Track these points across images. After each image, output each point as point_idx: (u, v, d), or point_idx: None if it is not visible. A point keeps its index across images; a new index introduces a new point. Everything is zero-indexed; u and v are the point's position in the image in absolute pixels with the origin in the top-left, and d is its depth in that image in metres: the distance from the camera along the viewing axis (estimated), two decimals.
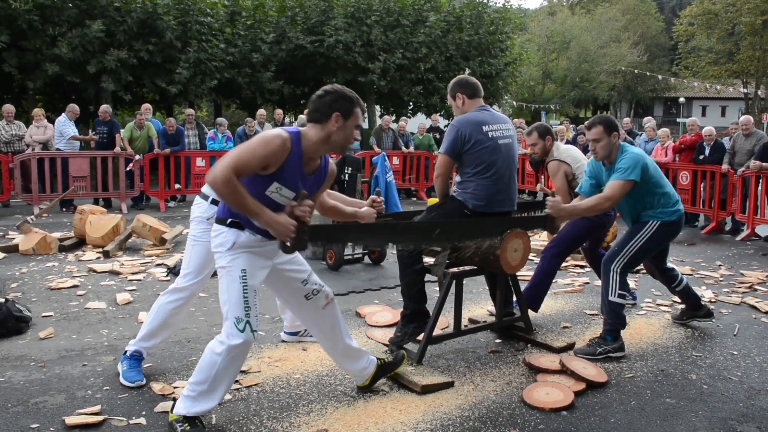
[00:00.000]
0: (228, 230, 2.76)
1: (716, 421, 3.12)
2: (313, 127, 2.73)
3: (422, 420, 3.05)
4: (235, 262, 2.74)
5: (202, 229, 3.35)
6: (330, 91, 2.74)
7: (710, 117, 42.56)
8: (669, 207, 3.98)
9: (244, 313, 2.73)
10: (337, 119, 2.70)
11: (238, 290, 2.73)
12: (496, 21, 19.24)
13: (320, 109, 2.71)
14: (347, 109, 2.73)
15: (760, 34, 31.87)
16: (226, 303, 2.75)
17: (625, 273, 4.00)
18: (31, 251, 6.60)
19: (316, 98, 2.74)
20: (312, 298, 3.06)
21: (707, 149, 9.20)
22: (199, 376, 2.77)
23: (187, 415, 2.78)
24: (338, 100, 2.71)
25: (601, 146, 3.91)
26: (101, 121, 10.39)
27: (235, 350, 2.73)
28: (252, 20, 16.66)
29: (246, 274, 2.74)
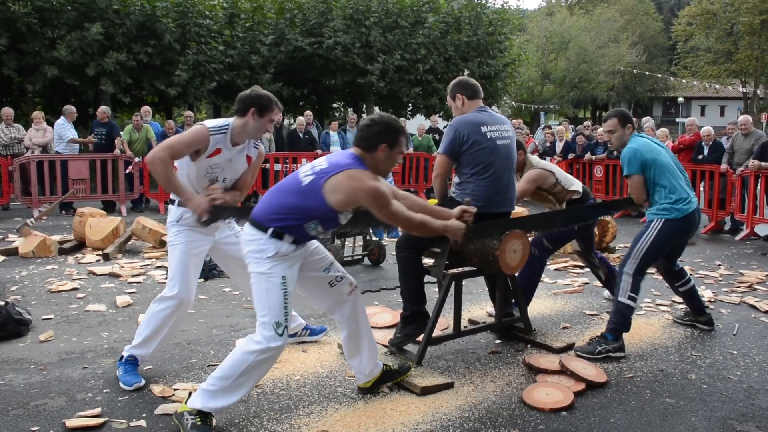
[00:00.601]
0: (268, 238, 2.84)
1: (716, 421, 3.12)
2: (363, 153, 2.89)
3: (422, 421, 3.06)
4: (276, 269, 2.85)
5: (175, 232, 3.38)
6: (377, 122, 2.90)
7: (709, 117, 42.59)
8: (669, 204, 3.97)
9: (284, 318, 2.84)
10: (384, 150, 2.87)
11: (279, 296, 2.83)
12: (495, 22, 19.25)
13: (368, 139, 2.88)
14: (394, 140, 2.90)
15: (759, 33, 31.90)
16: (266, 307, 2.83)
17: (639, 275, 4.01)
18: (31, 254, 6.61)
19: (365, 128, 2.91)
20: (336, 284, 3.14)
21: (706, 149, 9.22)
22: (225, 372, 2.82)
23: (202, 410, 2.81)
24: (385, 132, 2.88)
25: (615, 137, 4.13)
26: (99, 123, 10.39)
27: (270, 352, 2.83)
28: (251, 22, 16.66)
29: (286, 281, 2.86)
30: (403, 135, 2.93)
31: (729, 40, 34.24)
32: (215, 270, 5.88)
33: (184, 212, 3.34)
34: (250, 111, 3.24)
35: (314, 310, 4.77)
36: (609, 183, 10.66)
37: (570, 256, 6.73)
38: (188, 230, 3.36)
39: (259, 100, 3.24)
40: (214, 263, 5.84)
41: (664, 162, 3.99)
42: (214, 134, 3.22)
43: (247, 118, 3.26)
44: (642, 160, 3.94)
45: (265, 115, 3.26)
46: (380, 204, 2.78)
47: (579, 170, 11.11)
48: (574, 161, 11.23)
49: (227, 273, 3.85)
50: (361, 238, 6.49)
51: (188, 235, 3.36)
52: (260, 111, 3.25)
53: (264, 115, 3.26)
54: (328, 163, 2.84)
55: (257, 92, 3.28)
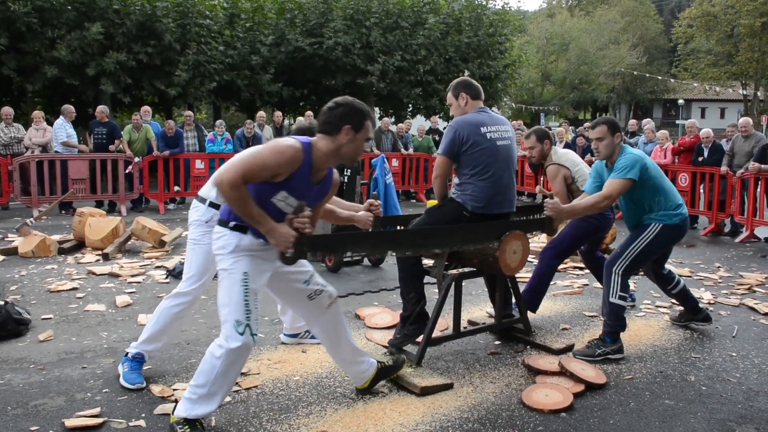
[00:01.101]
0: (230, 233, 2.77)
1: (715, 423, 3.12)
2: (323, 139, 2.74)
3: (421, 422, 3.06)
4: (237, 264, 2.75)
5: (201, 232, 3.35)
6: (341, 104, 2.76)
7: (709, 119, 42.61)
8: (671, 210, 3.98)
9: (245, 316, 2.72)
10: (347, 132, 2.72)
11: (239, 293, 2.72)
12: (495, 23, 19.25)
13: (331, 121, 2.73)
14: (358, 122, 2.75)
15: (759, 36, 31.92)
16: (227, 306, 2.74)
17: (627, 275, 4.01)
18: (31, 254, 6.60)
19: (327, 110, 2.75)
20: (315, 298, 3.07)
21: (705, 151, 9.22)
22: (200, 380, 2.77)
23: (188, 417, 2.79)
24: (350, 113, 2.73)
25: (604, 145, 4.00)
26: (99, 123, 10.38)
27: (234, 354, 2.72)
28: (251, 22, 16.66)
29: (248, 277, 2.74)
30: (369, 119, 2.79)
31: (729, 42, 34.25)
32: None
33: (215, 213, 3.24)
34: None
35: None
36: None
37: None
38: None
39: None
40: None
41: (657, 170, 4.03)
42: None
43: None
44: (643, 167, 3.90)
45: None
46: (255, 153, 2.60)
47: None
48: None
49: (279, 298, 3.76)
50: None
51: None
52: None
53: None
54: None
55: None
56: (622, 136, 4.06)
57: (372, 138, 2.88)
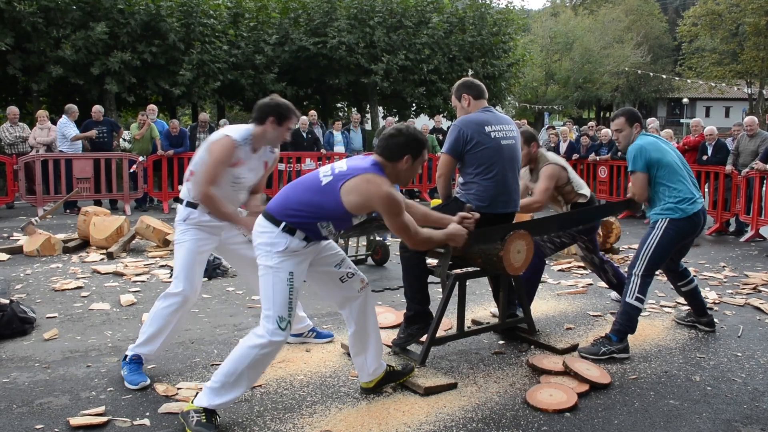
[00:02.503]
0: (280, 233, 2.87)
1: (720, 423, 3.11)
2: (384, 162, 2.92)
3: (425, 421, 3.05)
4: (284, 263, 2.87)
5: (182, 230, 3.43)
6: (403, 133, 2.92)
7: (714, 117, 42.46)
8: (675, 203, 3.96)
9: (288, 313, 2.87)
10: (408, 160, 2.92)
11: (285, 291, 2.86)
12: (499, 22, 19.23)
13: (392, 149, 2.91)
14: (418, 152, 2.94)
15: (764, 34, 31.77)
16: (270, 301, 2.86)
17: (648, 276, 4.00)
18: (36, 252, 6.63)
19: (390, 138, 2.93)
20: (347, 280, 3.16)
21: (710, 149, 9.19)
22: (228, 368, 2.85)
23: (208, 408, 2.84)
24: (411, 143, 2.92)
25: (623, 136, 4.13)
26: (95, 122, 10.36)
27: (272, 346, 2.87)
28: (255, 22, 16.68)
29: (293, 277, 2.89)
30: (426, 147, 2.99)
31: (734, 41, 34.10)
32: (219, 269, 5.89)
33: (191, 211, 3.40)
34: (269, 119, 3.29)
35: (317, 310, 4.77)
36: (613, 184, 10.64)
37: (574, 257, 6.71)
38: (195, 229, 3.41)
39: (278, 109, 3.30)
40: (217, 262, 5.85)
41: (669, 161, 3.99)
42: (239, 146, 3.29)
43: (265, 126, 3.30)
44: (647, 158, 3.94)
45: (283, 124, 3.32)
46: (393, 212, 2.82)
47: (583, 171, 11.08)
48: (578, 162, 11.21)
49: (237, 271, 3.93)
50: (364, 238, 6.49)
51: (195, 234, 3.41)
52: (279, 119, 3.30)
53: (282, 124, 3.32)
54: (348, 167, 2.88)
55: (276, 101, 3.33)
56: (641, 126, 4.12)
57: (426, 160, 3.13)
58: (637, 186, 4.03)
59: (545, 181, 4.46)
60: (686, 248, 4.39)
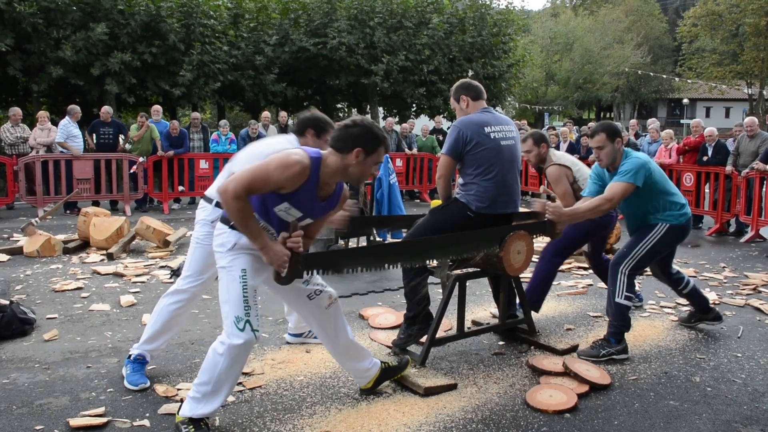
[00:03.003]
0: (230, 231, 2.79)
1: (720, 424, 3.11)
2: (333, 155, 2.71)
3: (425, 422, 3.05)
4: (235, 262, 2.78)
5: (205, 232, 3.37)
6: (358, 124, 2.72)
7: (714, 118, 42.46)
8: (676, 210, 3.98)
9: (244, 312, 2.74)
10: (358, 154, 2.68)
11: (238, 289, 2.75)
12: (499, 23, 19.24)
13: (344, 140, 2.69)
14: (371, 147, 2.71)
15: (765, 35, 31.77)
16: (227, 302, 2.77)
17: (633, 275, 4.00)
18: (36, 253, 6.63)
19: (343, 127, 2.72)
20: (315, 298, 3.06)
21: (710, 150, 9.19)
22: (203, 377, 2.79)
23: (193, 417, 2.80)
24: (363, 136, 2.69)
25: (605, 153, 3.92)
26: (103, 123, 10.39)
27: (236, 350, 2.74)
28: (255, 22, 16.68)
29: (246, 273, 2.77)
30: (382, 145, 2.74)
31: (734, 42, 34.10)
32: None
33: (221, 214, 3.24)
34: (309, 131, 3.33)
35: None
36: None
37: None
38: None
39: (318, 122, 3.35)
40: None
41: (661, 171, 4.02)
42: None
43: (306, 138, 3.34)
44: (647, 172, 3.86)
45: (322, 136, 3.33)
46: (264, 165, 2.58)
47: None
48: None
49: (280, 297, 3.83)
50: (364, 239, 6.49)
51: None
52: (318, 132, 3.34)
53: (321, 136, 3.33)
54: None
55: (315, 114, 3.39)
56: (623, 140, 3.97)
57: (381, 161, 2.84)
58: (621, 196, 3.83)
59: (557, 186, 4.48)
60: (673, 253, 4.41)
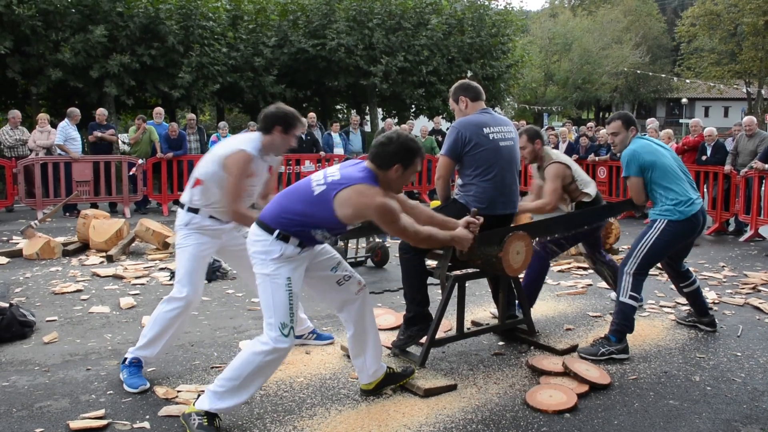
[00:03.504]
0: (273, 241, 2.87)
1: (720, 423, 3.11)
2: (376, 170, 2.90)
3: (425, 423, 3.06)
4: (281, 270, 2.87)
5: (184, 235, 3.44)
6: (393, 141, 2.88)
7: (713, 118, 42.48)
8: (672, 205, 3.95)
9: (290, 319, 2.87)
10: (397, 170, 2.87)
11: (284, 297, 2.86)
12: (498, 23, 19.23)
13: (383, 158, 2.88)
14: (409, 161, 2.90)
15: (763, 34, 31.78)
16: (271, 308, 2.87)
17: (639, 275, 3.99)
18: (35, 256, 6.62)
19: (380, 146, 2.89)
20: (344, 283, 3.17)
21: (709, 150, 9.20)
22: (232, 373, 2.85)
23: (209, 411, 2.84)
24: (400, 153, 2.87)
25: (619, 139, 4.13)
26: (98, 125, 10.39)
27: (277, 353, 2.87)
28: (254, 24, 16.68)
29: (291, 282, 2.89)
30: (419, 156, 2.93)
31: (733, 41, 34.11)
32: (218, 272, 5.89)
33: (192, 216, 3.42)
34: (276, 128, 3.31)
35: (317, 312, 4.77)
36: (612, 184, 10.65)
37: (574, 258, 6.72)
38: (197, 233, 3.43)
39: (285, 118, 3.32)
40: (217, 265, 5.85)
41: (665, 163, 3.98)
42: (255, 158, 3.32)
43: (273, 135, 3.32)
44: (641, 162, 3.94)
45: (290, 132, 3.34)
46: (388, 220, 2.82)
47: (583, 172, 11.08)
48: (577, 162, 11.19)
49: (238, 273, 3.95)
50: (364, 240, 6.49)
51: (197, 238, 3.43)
52: (286, 128, 3.32)
53: (289, 132, 3.34)
54: (341, 175, 2.86)
55: (282, 110, 3.35)
56: (637, 129, 4.14)
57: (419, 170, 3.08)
58: (633, 190, 4.05)
59: (553, 181, 4.41)
60: (687, 249, 4.39)
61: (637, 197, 4.07)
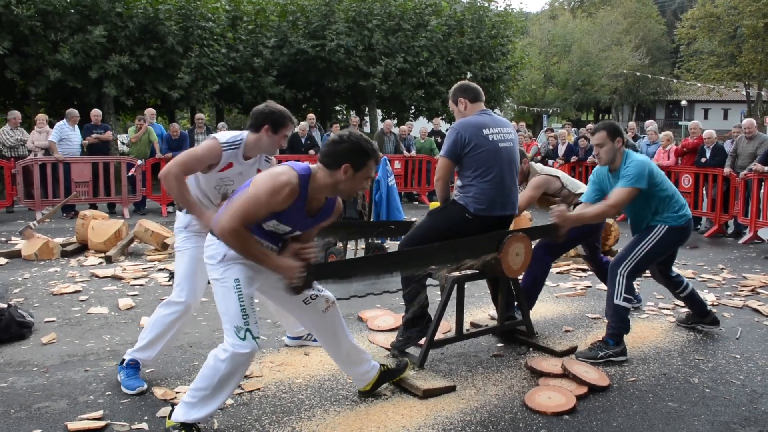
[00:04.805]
0: (218, 243, 2.78)
1: (719, 425, 3.11)
2: (322, 170, 2.70)
3: (424, 424, 3.05)
4: (227, 272, 2.78)
5: (183, 238, 3.40)
6: (346, 140, 2.68)
7: (712, 120, 42.53)
8: (675, 212, 3.98)
9: (243, 321, 2.75)
10: (346, 170, 2.66)
11: (234, 300, 2.75)
12: (498, 25, 19.26)
13: (332, 156, 2.67)
14: (360, 163, 2.68)
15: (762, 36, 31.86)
16: (225, 314, 2.78)
17: (632, 277, 3.99)
18: (34, 256, 6.62)
19: (331, 143, 2.70)
20: (311, 302, 3.04)
21: (708, 152, 9.21)
22: (202, 383, 2.78)
23: (185, 422, 2.80)
24: (352, 152, 2.66)
25: (604, 151, 3.94)
26: (94, 126, 10.38)
27: (239, 358, 2.75)
28: (253, 25, 16.70)
29: (239, 283, 2.77)
30: (372, 159, 2.70)
31: (732, 43, 34.18)
32: None
33: (191, 219, 3.36)
34: (264, 127, 3.19)
35: None
36: None
37: (573, 260, 6.72)
38: (196, 236, 3.38)
39: (273, 116, 3.18)
40: None
41: (661, 172, 4.02)
42: (227, 149, 3.18)
43: (260, 133, 3.20)
44: (650, 174, 3.87)
45: (279, 132, 3.21)
46: (252, 192, 2.60)
47: (581, 173, 11.09)
48: (576, 164, 11.22)
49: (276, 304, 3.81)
50: (363, 241, 6.49)
51: (196, 241, 3.37)
52: (274, 127, 3.19)
53: (278, 132, 3.21)
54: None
55: (271, 108, 3.22)
56: (623, 140, 3.98)
57: (372, 176, 2.80)
58: (626, 201, 3.86)
59: (530, 190, 4.51)
60: (674, 256, 4.40)
61: (619, 209, 3.90)
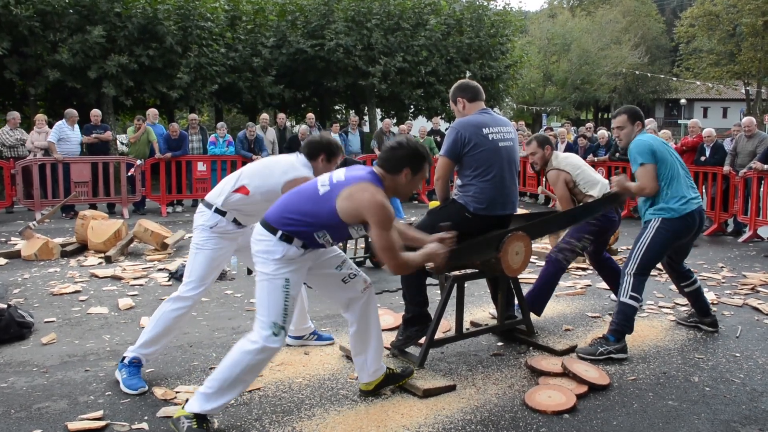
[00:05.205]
0: (277, 241, 2.86)
1: (719, 424, 3.11)
2: (384, 175, 2.92)
3: (424, 423, 3.05)
4: (281, 271, 2.87)
5: (205, 237, 3.41)
6: (404, 146, 2.92)
7: (712, 118, 42.52)
8: (668, 203, 3.95)
9: (283, 320, 2.86)
10: (407, 174, 2.91)
11: (281, 298, 2.86)
12: (497, 24, 19.25)
13: (393, 161, 2.91)
14: (418, 166, 2.94)
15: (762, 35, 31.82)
16: (266, 308, 2.86)
17: (640, 276, 3.98)
18: (34, 257, 6.61)
19: (390, 150, 2.92)
20: (350, 281, 3.19)
21: (707, 150, 9.21)
22: (222, 373, 2.85)
23: (199, 413, 2.84)
24: (410, 157, 2.91)
25: (624, 133, 4.12)
26: (94, 126, 10.39)
27: (266, 352, 2.86)
28: (252, 25, 16.68)
29: (289, 284, 2.88)
30: (427, 162, 2.97)
31: (731, 42, 34.14)
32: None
33: (220, 219, 3.41)
34: (321, 156, 3.45)
35: (316, 313, 4.77)
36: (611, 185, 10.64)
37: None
38: (218, 237, 3.44)
39: (330, 147, 3.49)
40: None
41: (667, 160, 3.99)
42: None
43: (317, 162, 3.46)
44: (654, 149, 3.94)
45: (332, 161, 3.50)
46: (381, 224, 2.75)
47: None
48: None
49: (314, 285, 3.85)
50: (363, 240, 6.49)
51: (218, 243, 3.44)
52: (329, 157, 3.48)
53: (332, 161, 3.50)
54: (346, 177, 2.87)
55: (327, 138, 3.53)
56: (643, 125, 4.12)
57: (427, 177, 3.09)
58: (648, 178, 3.94)
59: (556, 189, 4.63)
60: (686, 248, 4.37)
61: (651, 185, 3.95)
